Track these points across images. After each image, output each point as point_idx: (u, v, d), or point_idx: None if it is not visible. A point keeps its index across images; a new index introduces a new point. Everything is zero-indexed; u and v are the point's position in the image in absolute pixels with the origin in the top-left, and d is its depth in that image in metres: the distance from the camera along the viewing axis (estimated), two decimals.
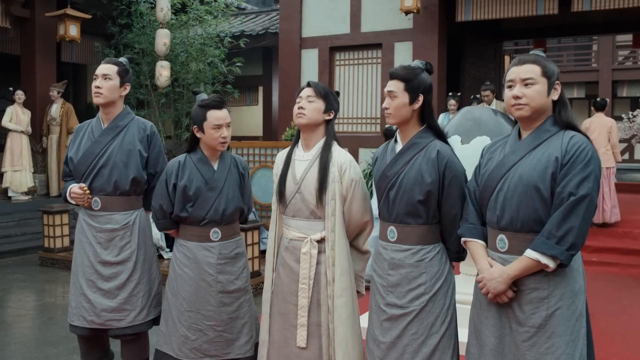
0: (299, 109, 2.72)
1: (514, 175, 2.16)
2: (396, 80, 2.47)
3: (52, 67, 9.28)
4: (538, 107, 2.18)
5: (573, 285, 2.11)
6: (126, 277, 3.17)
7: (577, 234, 2.04)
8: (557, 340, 2.08)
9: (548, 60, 2.23)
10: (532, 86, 2.17)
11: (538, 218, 2.11)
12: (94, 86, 3.18)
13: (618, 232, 7.04)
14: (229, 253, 2.97)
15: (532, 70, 2.18)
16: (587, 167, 2.06)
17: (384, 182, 2.52)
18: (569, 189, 2.05)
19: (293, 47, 9.42)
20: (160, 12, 8.92)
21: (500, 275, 2.15)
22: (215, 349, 2.91)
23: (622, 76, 17.77)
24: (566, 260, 2.05)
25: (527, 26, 10.27)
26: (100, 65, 3.21)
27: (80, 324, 3.18)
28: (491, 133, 3.76)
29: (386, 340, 2.47)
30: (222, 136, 2.90)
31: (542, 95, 2.18)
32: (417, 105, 2.46)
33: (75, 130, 3.36)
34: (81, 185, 3.14)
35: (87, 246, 3.18)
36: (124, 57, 3.38)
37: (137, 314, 3.18)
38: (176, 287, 2.96)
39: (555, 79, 2.20)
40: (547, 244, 2.05)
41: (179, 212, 2.93)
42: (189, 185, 2.90)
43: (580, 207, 2.04)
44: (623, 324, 4.64)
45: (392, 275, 2.48)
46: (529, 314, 2.12)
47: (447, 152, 2.44)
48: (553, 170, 2.09)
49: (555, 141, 2.13)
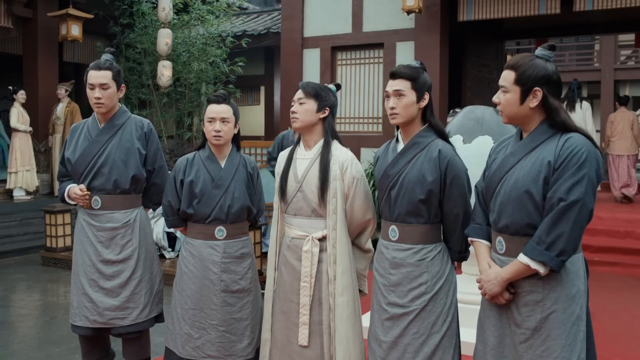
0: (292, 113, 2.75)
1: (510, 179, 2.15)
2: (402, 79, 2.46)
3: (55, 67, 9.30)
4: (512, 115, 2.16)
5: (569, 289, 2.09)
6: (128, 275, 3.17)
7: (567, 240, 2.01)
8: (552, 343, 2.07)
9: (536, 62, 2.13)
10: (505, 94, 2.16)
11: (531, 223, 2.10)
12: (93, 97, 3.13)
13: (620, 232, 7.02)
14: (234, 252, 2.97)
15: (506, 78, 2.16)
16: (579, 171, 2.01)
17: (385, 182, 2.52)
18: (559, 194, 2.02)
19: (295, 46, 9.41)
20: (162, 12, 8.92)
21: (495, 277, 2.15)
22: (217, 350, 2.90)
23: (624, 76, 17.74)
24: (556, 267, 2.03)
25: (529, 26, 10.25)
26: (93, 72, 3.14)
27: (82, 324, 3.17)
28: (493, 133, 3.76)
29: (387, 340, 2.47)
30: (215, 129, 2.90)
31: (513, 104, 2.14)
32: (423, 103, 2.47)
33: (70, 130, 3.34)
34: (81, 187, 3.14)
35: (87, 245, 3.18)
36: (107, 51, 3.28)
37: (140, 312, 3.19)
38: (182, 284, 2.97)
39: (532, 85, 2.11)
40: (536, 249, 2.04)
41: (186, 209, 2.95)
42: (196, 182, 2.92)
43: (571, 212, 2.00)
44: (625, 324, 4.63)
45: (394, 274, 2.48)
46: (525, 316, 2.12)
47: (449, 152, 2.44)
48: (545, 174, 2.06)
49: (551, 144, 2.10)
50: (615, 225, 7.19)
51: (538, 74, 2.11)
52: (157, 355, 3.71)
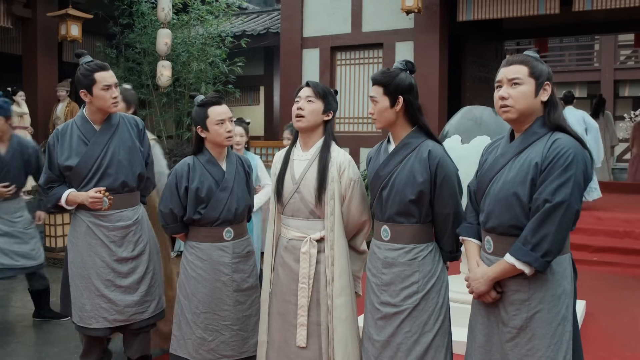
0: (297, 110, 2.72)
1: (499, 180, 2.17)
2: (375, 85, 2.49)
3: (54, 67, 9.29)
4: (524, 109, 2.16)
5: (555, 289, 2.11)
6: (144, 269, 3.23)
7: (552, 241, 2.03)
8: (537, 342, 2.09)
9: (539, 60, 2.20)
10: (518, 87, 2.15)
11: (518, 224, 2.12)
12: (111, 97, 3.14)
13: (619, 232, 7.02)
14: (241, 251, 3.02)
15: (519, 71, 2.16)
16: (565, 172, 2.03)
17: (377, 182, 2.54)
18: (545, 196, 2.04)
19: (294, 46, 9.41)
20: (161, 12, 8.91)
21: (482, 276, 2.19)
22: (232, 349, 2.94)
23: (624, 76, 17.75)
24: (540, 267, 2.05)
25: (528, 26, 10.26)
26: (105, 73, 3.15)
27: (101, 325, 3.17)
28: (491, 133, 3.76)
29: (380, 339, 2.49)
30: (227, 130, 2.92)
31: (529, 96, 2.15)
32: (398, 107, 2.47)
33: (54, 135, 3.25)
34: (98, 189, 3.11)
35: (98, 247, 3.17)
36: (83, 54, 3.27)
37: (157, 304, 3.29)
38: (189, 289, 2.96)
39: (545, 79, 2.16)
40: (522, 250, 2.07)
41: (192, 215, 2.94)
42: (201, 188, 2.91)
43: (556, 214, 2.02)
44: (624, 324, 4.63)
45: (386, 274, 2.50)
46: (511, 315, 2.15)
47: (439, 152, 2.45)
48: (532, 176, 2.08)
49: (539, 145, 2.11)
50: (615, 225, 7.19)
51: (545, 70, 2.18)
52: (156, 355, 3.70)
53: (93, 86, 3.13)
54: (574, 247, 2.76)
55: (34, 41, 9.01)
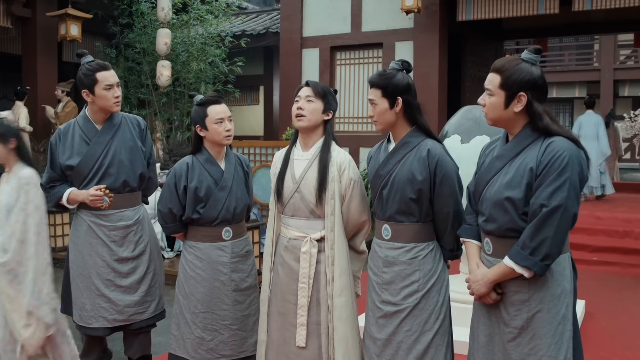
0: (297, 109, 2.72)
1: (495, 184, 2.17)
2: (373, 88, 2.49)
3: (54, 66, 9.29)
4: (496, 118, 2.16)
5: (555, 289, 2.12)
6: (144, 270, 3.24)
7: (550, 245, 2.03)
8: (539, 342, 2.10)
9: (529, 62, 2.11)
10: (489, 97, 2.15)
11: (515, 227, 2.12)
12: (114, 96, 3.15)
13: (619, 232, 7.03)
14: (240, 251, 3.01)
15: (492, 81, 2.14)
16: (560, 175, 2.02)
17: (377, 181, 2.54)
18: (541, 200, 2.03)
19: (294, 46, 9.42)
20: (161, 12, 8.92)
21: (482, 278, 2.19)
22: (230, 349, 2.94)
23: (623, 75, 17.77)
24: (540, 271, 2.06)
25: (528, 25, 10.27)
26: (107, 73, 3.15)
27: (101, 325, 3.18)
28: (491, 132, 3.76)
29: (381, 337, 2.49)
30: (226, 129, 2.92)
31: (497, 108, 2.13)
32: (397, 107, 2.47)
33: (56, 135, 3.26)
34: (99, 187, 3.12)
35: (99, 247, 3.17)
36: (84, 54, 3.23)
37: (157, 304, 3.29)
38: (188, 289, 2.96)
39: (518, 90, 2.08)
40: (521, 254, 2.07)
41: (190, 214, 2.94)
42: (200, 187, 2.91)
43: (553, 218, 2.02)
44: (624, 323, 4.64)
45: (387, 272, 2.51)
46: (512, 315, 2.16)
47: (438, 151, 2.45)
48: (528, 180, 2.08)
49: (534, 149, 2.10)
50: (614, 225, 7.20)
51: (523, 79, 2.09)
52: (156, 355, 3.71)
53: (95, 86, 3.13)
54: (573, 247, 2.76)
55: (33, 41, 9.01)
